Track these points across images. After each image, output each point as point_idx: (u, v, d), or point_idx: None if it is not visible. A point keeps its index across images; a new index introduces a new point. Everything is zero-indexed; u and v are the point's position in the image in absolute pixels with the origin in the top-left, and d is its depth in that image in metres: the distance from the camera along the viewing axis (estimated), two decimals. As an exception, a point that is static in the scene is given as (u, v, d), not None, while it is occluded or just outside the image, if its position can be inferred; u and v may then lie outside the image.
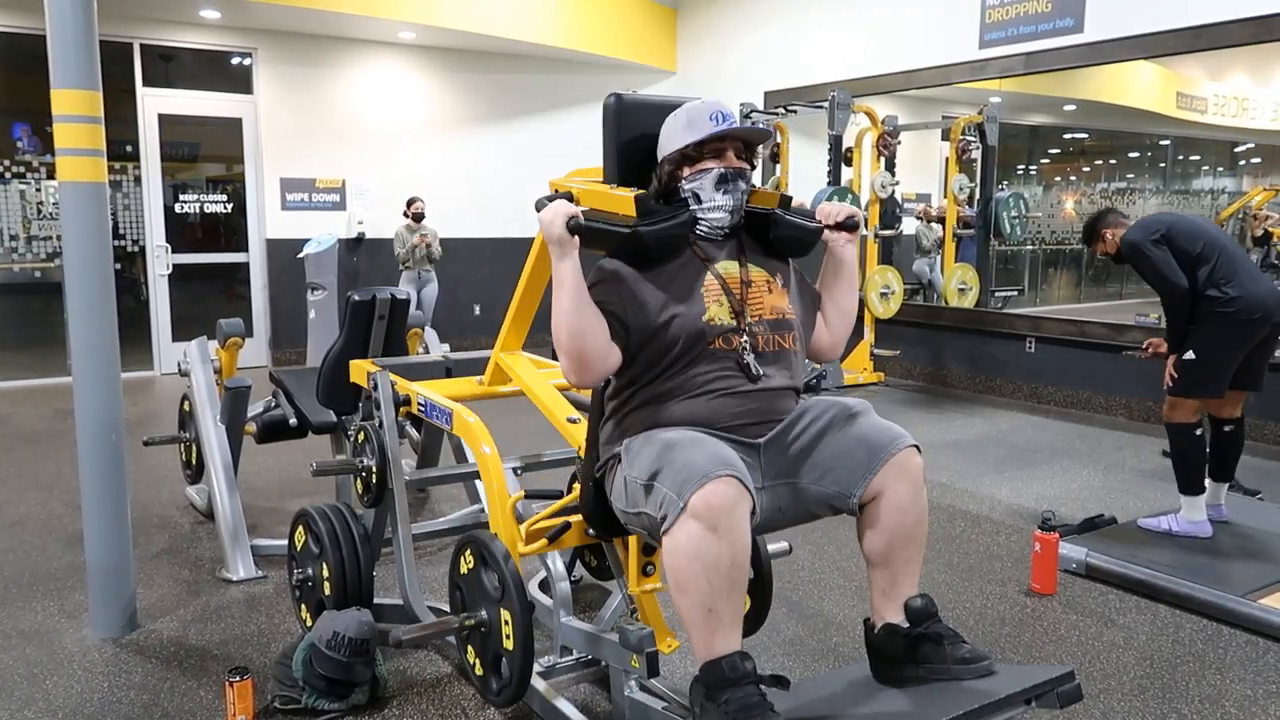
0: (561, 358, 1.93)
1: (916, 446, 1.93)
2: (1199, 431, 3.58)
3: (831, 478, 1.90)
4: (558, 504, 2.33)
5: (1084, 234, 3.82)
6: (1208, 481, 3.62)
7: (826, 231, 2.09)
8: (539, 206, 1.95)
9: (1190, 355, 3.51)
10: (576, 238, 1.88)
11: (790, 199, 2.13)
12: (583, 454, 2.21)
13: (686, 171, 2.02)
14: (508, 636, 2.16)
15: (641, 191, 2.01)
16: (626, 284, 1.95)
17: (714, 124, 1.99)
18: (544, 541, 2.26)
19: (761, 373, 1.95)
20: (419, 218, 7.88)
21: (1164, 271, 3.45)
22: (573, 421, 2.38)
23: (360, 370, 2.97)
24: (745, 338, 1.95)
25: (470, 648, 2.33)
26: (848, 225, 2.08)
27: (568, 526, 2.25)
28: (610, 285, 1.96)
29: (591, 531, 2.20)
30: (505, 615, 2.16)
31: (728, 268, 2.02)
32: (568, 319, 1.88)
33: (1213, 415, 3.66)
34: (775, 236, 2.08)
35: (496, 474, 2.36)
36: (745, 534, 1.72)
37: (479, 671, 2.29)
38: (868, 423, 1.95)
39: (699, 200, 2.01)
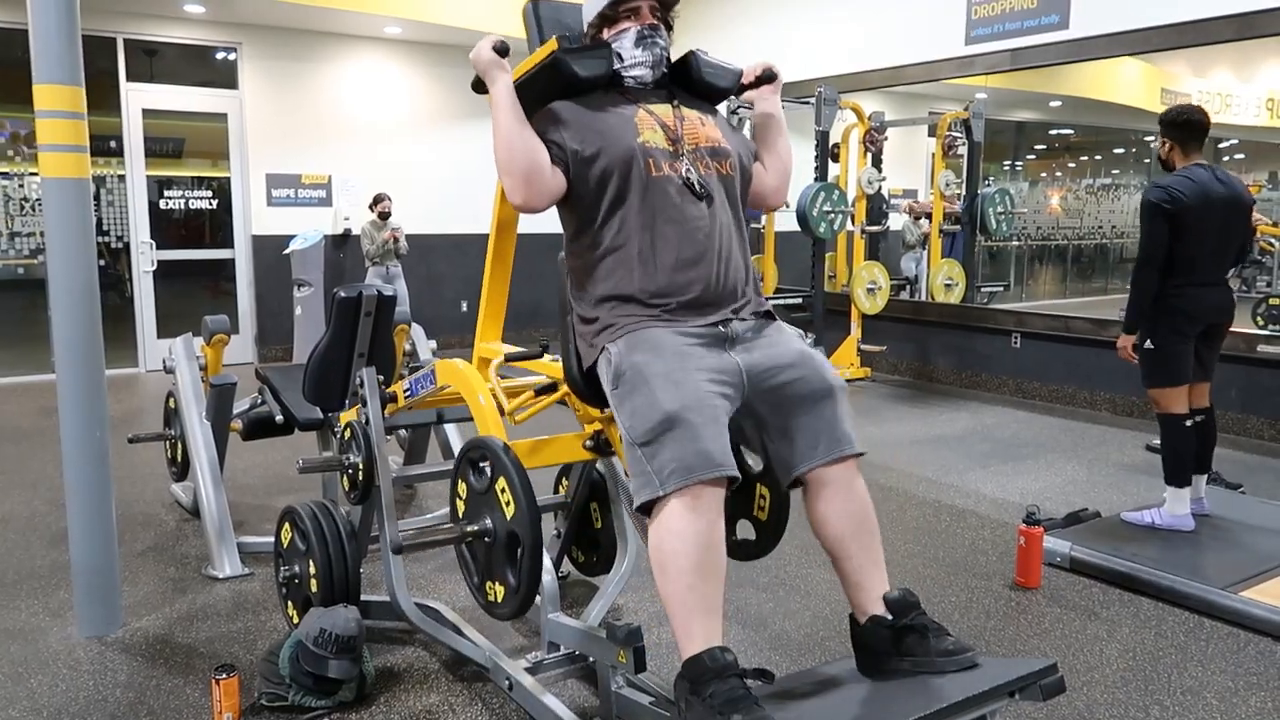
0: (506, 180, 2.02)
1: (861, 453, 2.00)
2: (1188, 424, 3.61)
3: (786, 441, 1.97)
4: (538, 382, 2.42)
5: (1160, 116, 3.64)
6: None
7: (750, 92, 2.25)
8: (474, 83, 2.13)
9: (1149, 345, 3.58)
10: (505, 59, 2.04)
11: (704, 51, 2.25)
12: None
13: (607, 33, 2.13)
14: (515, 533, 2.08)
15: (563, 35, 2.12)
16: (558, 115, 2.05)
17: None
18: (531, 393, 2.30)
19: (708, 192, 2.04)
20: (385, 215, 7.88)
21: (1148, 245, 3.52)
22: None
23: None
24: (685, 162, 2.04)
25: (472, 559, 2.26)
26: (766, 77, 2.23)
27: (555, 385, 2.33)
28: (546, 120, 2.06)
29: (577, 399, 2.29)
30: (509, 510, 2.08)
31: (659, 107, 2.11)
32: (507, 136, 1.99)
33: None
34: (697, 77, 2.19)
35: (479, 385, 2.40)
36: (721, 515, 1.81)
37: (481, 585, 2.22)
38: (840, 411, 1.99)
39: (621, 59, 2.11)
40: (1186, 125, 3.57)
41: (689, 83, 2.20)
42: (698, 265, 2.00)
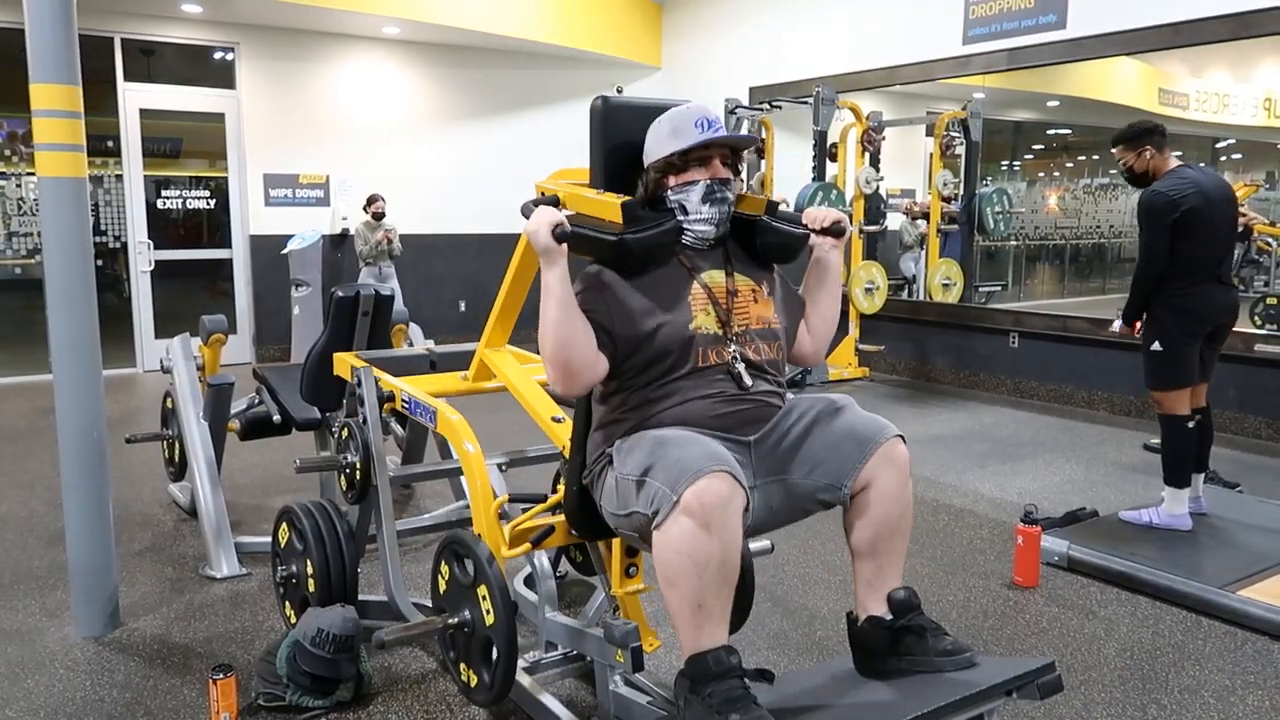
0: (548, 367, 1.91)
1: (902, 436, 1.94)
2: (1190, 425, 3.61)
3: (822, 470, 1.91)
4: (542, 505, 2.33)
5: (1120, 134, 3.65)
6: None
7: (813, 236, 2.08)
8: (525, 212, 1.93)
9: (1157, 347, 3.58)
10: (564, 246, 1.85)
11: (777, 204, 2.12)
12: (567, 454, 2.21)
13: (672, 181, 2.00)
14: (491, 638, 2.15)
15: (628, 198, 1.99)
16: (613, 292, 1.94)
17: (699, 131, 1.98)
18: (528, 545, 2.26)
19: (750, 382, 1.95)
20: (379, 216, 7.88)
21: (1150, 250, 3.54)
22: (557, 421, 2.38)
23: (344, 364, 2.96)
24: (733, 347, 1.95)
25: (452, 646, 2.32)
26: (834, 231, 2.07)
27: (551, 530, 2.24)
28: (596, 293, 1.95)
29: (575, 533, 2.20)
30: (488, 618, 2.15)
31: (714, 277, 2.01)
32: (554, 328, 1.86)
33: None
34: (762, 244, 2.08)
35: (480, 473, 2.35)
36: (737, 531, 1.72)
37: (462, 672, 2.29)
38: (854, 415, 1.96)
39: (685, 211, 1.99)
40: (1154, 130, 3.60)
41: (748, 240, 2.08)
42: (731, 420, 1.94)
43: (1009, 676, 1.78)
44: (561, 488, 2.24)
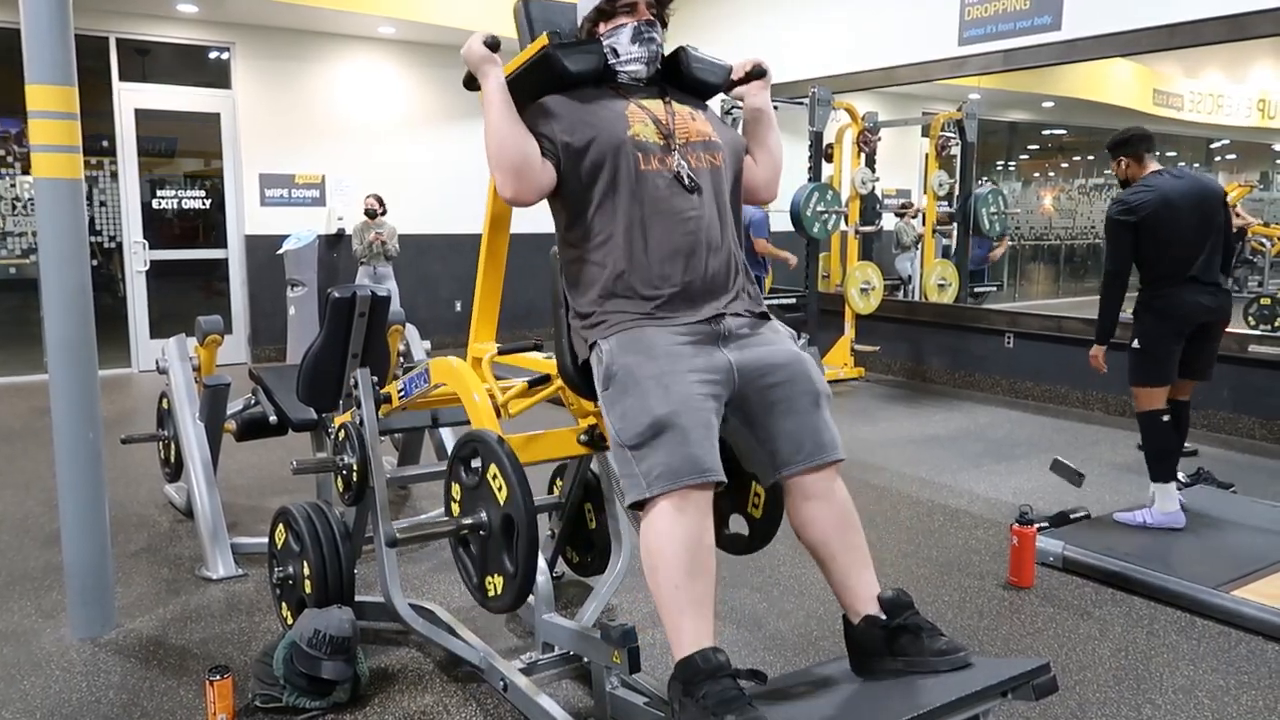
0: (496, 174, 2.04)
1: (841, 459, 2.02)
2: (1166, 419, 3.66)
3: (770, 443, 1.99)
4: (531, 354, 2.43)
5: (1114, 141, 3.76)
6: None
7: (740, 87, 2.25)
8: (465, 80, 2.16)
9: (1136, 345, 3.67)
10: (496, 54, 2.05)
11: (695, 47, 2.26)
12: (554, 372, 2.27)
13: (603, 28, 2.14)
14: (510, 517, 2.06)
15: (554, 32, 2.13)
16: (549, 108, 2.07)
17: None
18: (525, 385, 2.32)
19: (696, 183, 2.04)
20: (372, 214, 7.88)
21: (1112, 258, 3.68)
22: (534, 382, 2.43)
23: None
24: (675, 155, 2.05)
25: (469, 558, 2.24)
26: (756, 73, 2.23)
27: (548, 377, 2.34)
28: (535, 112, 2.08)
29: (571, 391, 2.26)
30: (501, 495, 2.07)
31: (651, 102, 2.12)
32: (497, 130, 2.00)
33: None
34: (688, 73, 2.21)
35: (475, 384, 2.40)
36: (709, 516, 1.84)
37: (480, 584, 2.20)
38: (825, 418, 2.01)
39: (616, 54, 2.13)
40: (1131, 139, 3.70)
41: (679, 79, 2.22)
42: (688, 256, 2.01)
43: (1004, 677, 1.78)
44: (553, 369, 2.31)
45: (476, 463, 2.18)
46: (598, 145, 2.02)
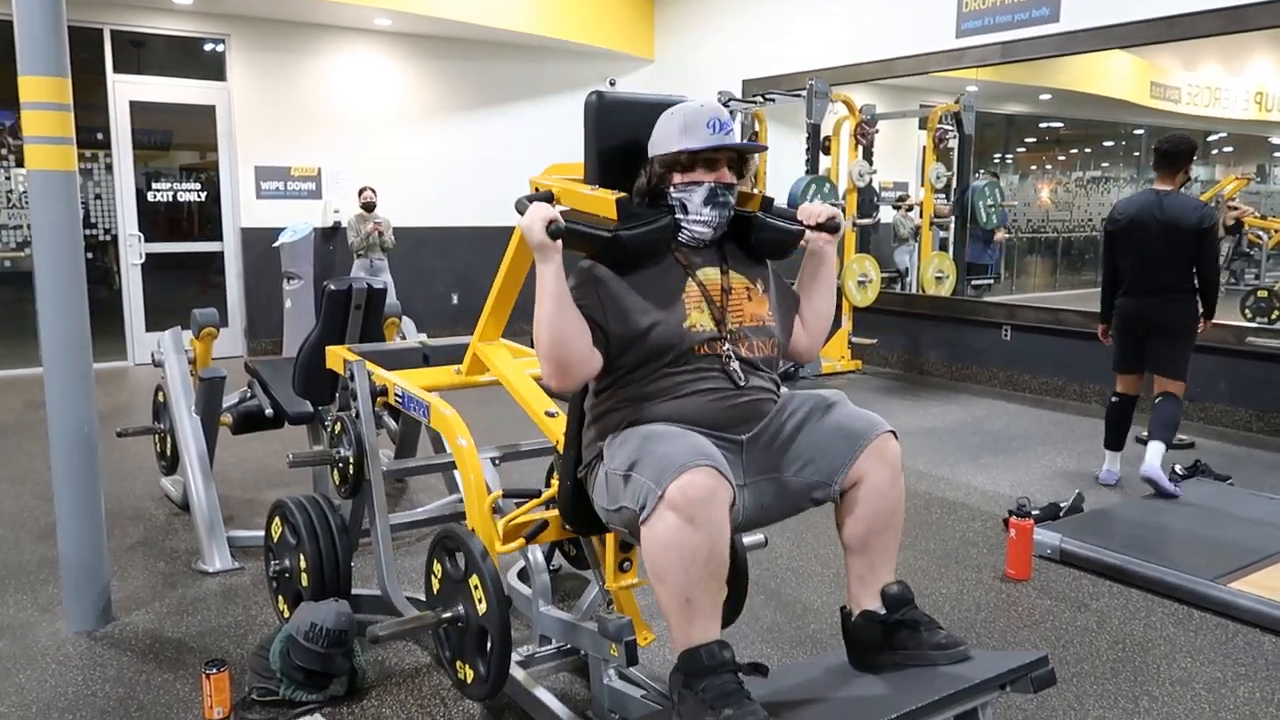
0: (543, 362, 1.90)
1: (893, 432, 1.95)
2: (1114, 400, 4.41)
3: (813, 467, 1.91)
4: (536, 500, 2.32)
5: (1168, 156, 4.16)
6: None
7: (808, 233, 2.07)
8: (520, 208, 1.91)
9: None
10: (558, 242, 1.84)
11: (772, 200, 2.11)
12: (560, 448, 2.20)
13: (677, 179, 1.98)
14: (485, 629, 2.15)
15: (623, 195, 1.99)
16: (607, 288, 1.93)
17: (710, 133, 1.95)
18: (522, 540, 2.26)
19: (744, 380, 1.95)
20: (369, 207, 7.86)
21: (1103, 257, 4.37)
22: (551, 415, 2.37)
23: (336, 357, 2.94)
24: (727, 344, 1.95)
25: (446, 641, 2.32)
26: (829, 227, 2.06)
27: (545, 525, 2.24)
28: (590, 289, 1.94)
29: (569, 528, 2.20)
30: (481, 607, 2.15)
31: (708, 274, 2.00)
32: (549, 324, 1.85)
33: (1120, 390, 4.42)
34: (756, 240, 2.07)
35: (474, 467, 2.35)
36: (724, 524, 1.72)
37: (456, 666, 2.29)
38: (845, 411, 1.96)
39: (685, 210, 1.98)
40: (1155, 152, 4.22)
41: (742, 237, 2.07)
42: (724, 419, 1.94)
43: (1003, 670, 1.78)
44: (555, 483, 2.24)
45: (459, 558, 2.22)
46: (653, 338, 1.91)
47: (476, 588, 2.14)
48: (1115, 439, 4.42)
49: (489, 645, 2.14)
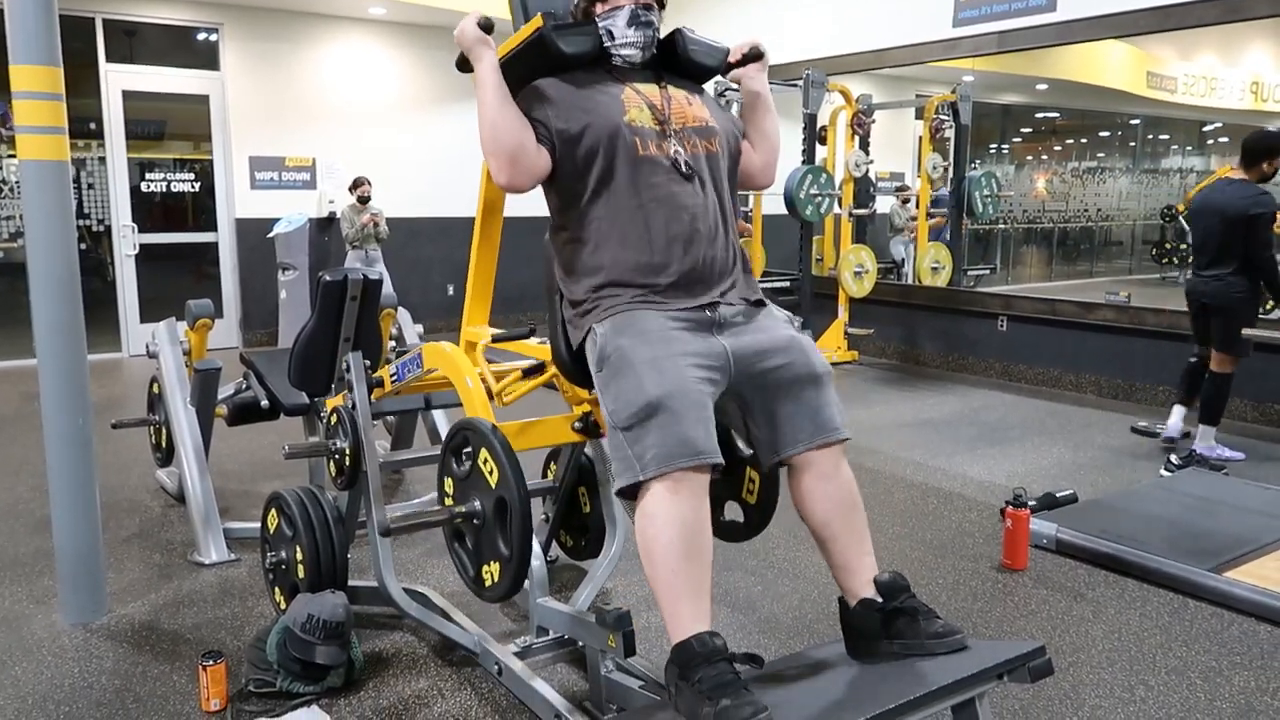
0: (490, 160, 2.00)
1: (848, 438, 2.00)
2: (1192, 359, 4.81)
3: (771, 426, 1.97)
4: (526, 364, 2.39)
5: (1247, 150, 4.46)
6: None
7: (737, 70, 2.22)
8: (458, 63, 2.11)
9: None
10: (489, 36, 2.01)
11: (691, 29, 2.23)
12: (547, 358, 2.27)
13: (599, 9, 2.10)
14: (503, 499, 2.05)
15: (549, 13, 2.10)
16: (546, 93, 2.03)
17: None
18: (518, 373, 2.30)
19: (693, 170, 2.02)
20: (365, 200, 7.83)
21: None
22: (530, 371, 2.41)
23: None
24: (671, 141, 2.02)
25: (464, 550, 2.24)
26: (752, 54, 2.20)
27: (541, 365, 2.32)
28: (531, 97, 2.04)
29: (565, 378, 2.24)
30: (493, 479, 2.07)
31: (646, 87, 2.09)
32: (491, 115, 1.97)
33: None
34: (684, 56, 2.17)
35: (468, 368, 2.38)
36: (704, 498, 1.80)
37: (476, 575, 2.20)
38: (827, 397, 1.99)
39: (612, 37, 2.09)
40: (1241, 145, 4.51)
41: (675, 62, 2.19)
42: (685, 244, 1.99)
43: (1000, 660, 1.78)
44: (548, 357, 2.28)
45: (468, 451, 2.16)
46: (593, 131, 1.99)
47: (486, 461, 2.09)
48: (1181, 394, 4.86)
49: (508, 519, 2.04)
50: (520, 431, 2.34)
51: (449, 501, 2.25)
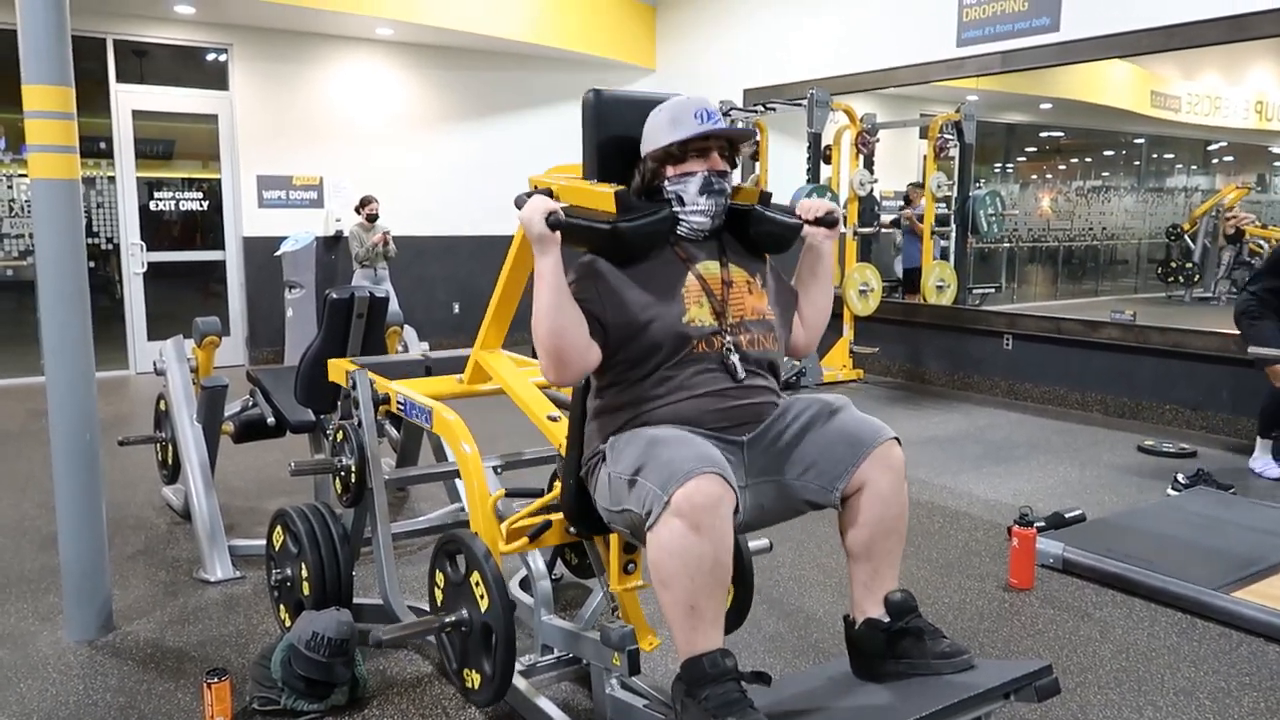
0: (541, 355, 1.92)
1: (897, 439, 1.95)
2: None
3: (814, 472, 1.91)
4: (538, 502, 2.33)
5: None
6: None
7: (806, 227, 2.09)
8: (519, 203, 1.93)
9: None
10: (557, 234, 1.86)
11: (770, 195, 2.13)
12: (564, 452, 2.21)
13: (670, 172, 2.01)
14: (489, 626, 2.14)
15: (622, 187, 2.01)
16: (606, 281, 1.95)
17: (698, 122, 1.98)
18: (524, 540, 2.26)
19: (744, 374, 1.96)
20: (374, 218, 7.87)
21: None
22: (553, 419, 2.38)
23: (339, 369, 2.95)
24: (727, 338, 1.96)
25: (450, 647, 2.32)
26: (827, 221, 2.08)
27: (548, 525, 2.25)
28: (590, 282, 1.96)
29: (573, 530, 2.20)
30: (483, 604, 2.14)
31: (708, 268, 2.01)
32: (548, 315, 1.87)
33: None
34: (755, 233, 2.09)
35: (476, 472, 2.35)
36: (728, 533, 1.72)
37: (459, 672, 2.28)
38: (849, 417, 1.96)
39: (681, 203, 2.01)
40: None
41: (741, 231, 2.09)
42: (726, 419, 1.95)
43: (1007, 679, 1.78)
44: (558, 485, 2.24)
45: (461, 561, 2.21)
46: (653, 330, 1.92)
47: (478, 584, 2.13)
48: (1261, 426, 4.81)
49: (493, 642, 2.12)
50: (513, 533, 2.30)
51: (439, 597, 2.32)
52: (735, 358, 1.95)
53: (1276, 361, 4.48)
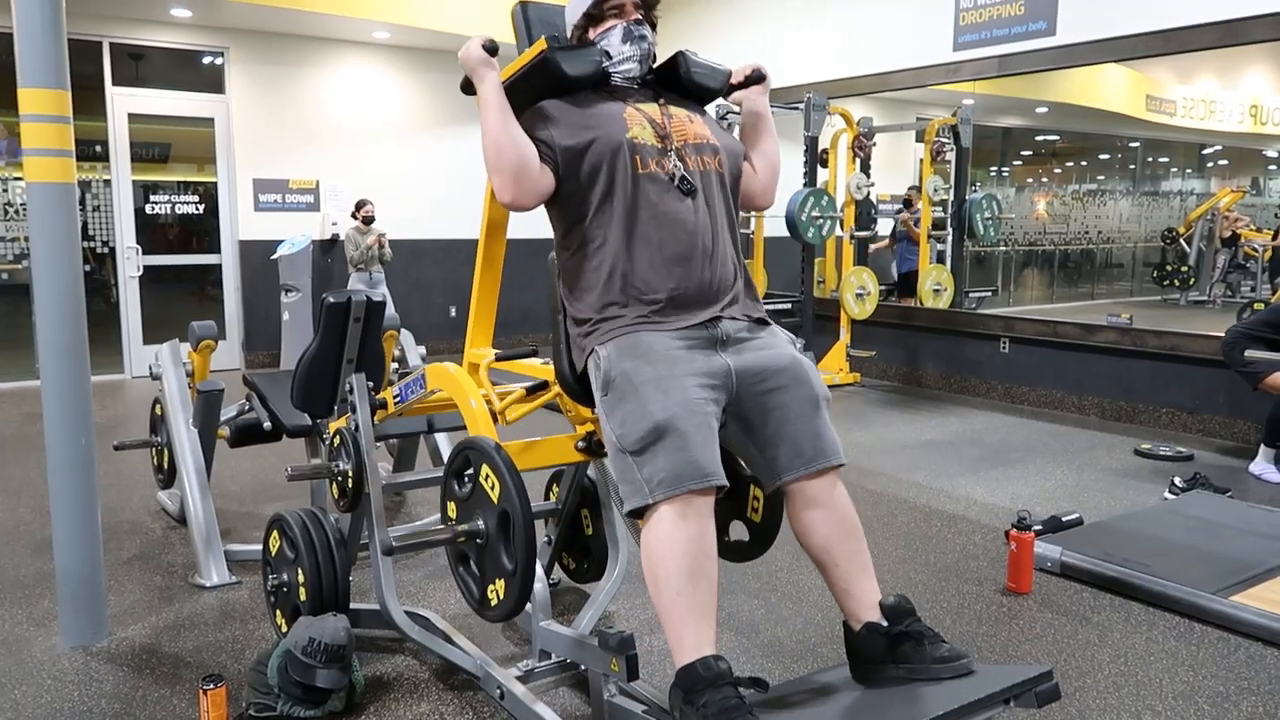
0: (494, 178, 2.03)
1: (844, 464, 2.01)
2: None
3: (770, 449, 1.97)
4: (529, 384, 2.40)
5: None
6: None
7: (738, 92, 2.27)
8: (463, 86, 2.13)
9: None
10: (494, 58, 2.05)
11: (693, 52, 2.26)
12: (551, 377, 2.29)
13: (593, 33, 2.16)
14: (507, 512, 2.04)
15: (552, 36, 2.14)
16: (547, 112, 2.07)
17: None
18: (522, 391, 2.31)
19: (693, 186, 2.04)
20: (369, 220, 7.86)
21: None
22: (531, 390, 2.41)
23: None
24: (672, 157, 2.05)
25: (469, 574, 2.22)
26: (755, 77, 2.25)
27: (545, 383, 2.34)
28: (536, 118, 2.08)
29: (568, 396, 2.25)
30: (494, 493, 2.07)
31: (647, 105, 2.13)
32: (495, 134, 2.00)
33: None
34: (686, 75, 2.20)
35: (471, 388, 2.38)
36: (710, 520, 1.82)
37: (482, 596, 2.18)
38: (825, 421, 2.00)
39: (610, 56, 2.14)
40: None
41: (677, 83, 2.22)
42: (686, 261, 2.01)
43: (1007, 684, 1.77)
44: (550, 375, 2.31)
45: (470, 473, 2.17)
46: (596, 148, 2.02)
47: (488, 477, 2.08)
48: (1268, 435, 4.76)
49: (511, 534, 2.03)
50: (523, 451, 2.34)
51: (453, 519, 2.25)
52: (682, 171, 2.04)
53: (1273, 370, 4.49)
